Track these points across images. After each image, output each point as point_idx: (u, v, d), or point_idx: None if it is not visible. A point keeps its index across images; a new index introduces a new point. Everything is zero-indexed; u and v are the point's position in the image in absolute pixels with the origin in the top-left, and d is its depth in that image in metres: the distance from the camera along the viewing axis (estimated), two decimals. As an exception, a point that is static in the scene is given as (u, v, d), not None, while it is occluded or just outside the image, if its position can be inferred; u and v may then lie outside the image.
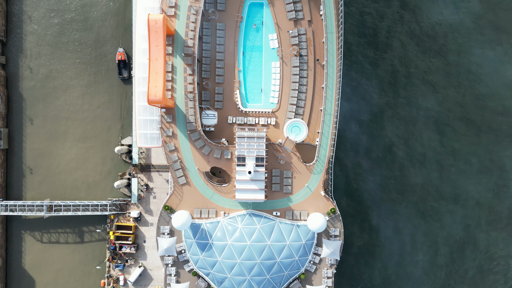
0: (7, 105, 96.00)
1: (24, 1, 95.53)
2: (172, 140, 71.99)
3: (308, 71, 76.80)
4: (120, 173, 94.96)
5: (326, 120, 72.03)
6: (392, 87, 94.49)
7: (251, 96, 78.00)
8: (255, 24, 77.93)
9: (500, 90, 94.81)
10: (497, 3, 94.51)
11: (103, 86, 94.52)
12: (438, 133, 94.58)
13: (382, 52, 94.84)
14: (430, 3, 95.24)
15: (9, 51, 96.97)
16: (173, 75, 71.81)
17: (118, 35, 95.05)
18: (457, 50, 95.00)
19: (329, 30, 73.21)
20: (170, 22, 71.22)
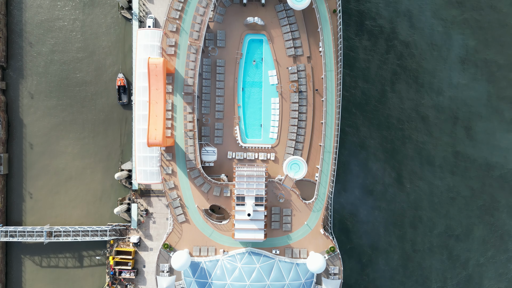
0: (7, 131, 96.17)
1: (25, 27, 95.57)
2: (172, 178, 72.45)
3: (307, 106, 77.33)
4: (120, 198, 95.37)
5: (326, 158, 72.61)
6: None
7: (251, 131, 78.47)
8: (255, 60, 78.32)
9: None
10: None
11: (103, 110, 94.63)
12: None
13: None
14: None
15: (9, 77, 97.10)
16: (173, 113, 72.18)
17: (118, 61, 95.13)
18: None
19: (328, 68, 73.68)
20: (170, 61, 71.49)
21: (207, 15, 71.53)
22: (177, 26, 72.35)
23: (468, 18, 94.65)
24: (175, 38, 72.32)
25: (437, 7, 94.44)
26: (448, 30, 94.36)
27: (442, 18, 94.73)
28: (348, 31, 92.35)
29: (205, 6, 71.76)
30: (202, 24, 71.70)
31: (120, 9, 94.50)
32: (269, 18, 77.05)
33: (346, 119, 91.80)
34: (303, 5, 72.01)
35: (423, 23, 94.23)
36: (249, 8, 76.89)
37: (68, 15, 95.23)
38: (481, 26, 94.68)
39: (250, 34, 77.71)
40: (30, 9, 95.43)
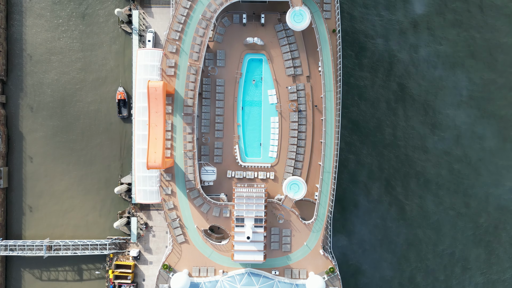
0: (7, 144, 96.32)
1: (25, 41, 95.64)
2: (171, 198, 72.67)
3: (306, 125, 77.57)
4: (120, 212, 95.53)
5: (325, 178, 72.84)
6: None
7: (250, 150, 78.70)
8: (254, 79, 78.55)
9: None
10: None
11: (103, 124, 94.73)
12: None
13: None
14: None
15: (9, 90, 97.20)
16: (172, 133, 72.37)
17: (118, 74, 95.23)
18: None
19: (328, 88, 73.89)
20: (170, 82, 71.68)
21: (207, 36, 71.70)
22: (176, 47, 72.51)
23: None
24: (174, 59, 72.48)
25: (436, 25, 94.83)
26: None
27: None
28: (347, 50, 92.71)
29: (204, 27, 71.92)
30: (201, 45, 71.87)
31: (120, 23, 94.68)
32: (268, 38, 77.26)
33: (346, 137, 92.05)
34: (302, 26, 72.22)
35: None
36: (248, 28, 77.06)
37: (67, 28, 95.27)
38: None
39: (250, 54, 77.91)
40: (30, 23, 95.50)
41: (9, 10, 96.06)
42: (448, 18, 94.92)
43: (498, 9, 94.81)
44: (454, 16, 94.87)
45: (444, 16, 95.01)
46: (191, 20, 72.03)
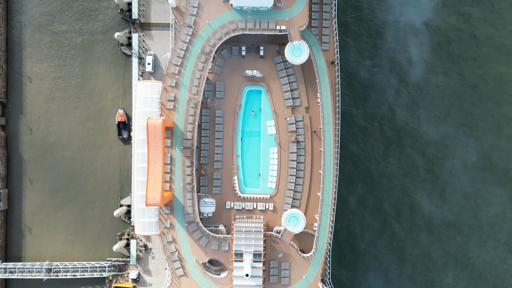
0: (6, 166, 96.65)
1: (24, 63, 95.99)
2: (170, 231, 72.95)
3: (305, 156, 77.85)
4: (119, 233, 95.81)
5: (324, 211, 73.13)
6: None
7: (249, 180, 78.98)
8: (253, 111, 78.88)
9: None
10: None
11: (103, 145, 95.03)
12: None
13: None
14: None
15: (9, 113, 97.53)
16: (171, 166, 72.66)
17: (118, 96, 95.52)
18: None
19: (326, 121, 74.17)
20: (169, 116, 72.00)
21: (206, 70, 72.02)
22: (176, 81, 72.80)
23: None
24: (174, 93, 72.81)
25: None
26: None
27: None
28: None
29: (204, 61, 72.23)
30: (201, 79, 72.20)
31: (119, 46, 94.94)
32: (267, 69, 77.60)
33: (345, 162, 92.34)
34: (301, 61, 72.60)
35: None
36: (247, 60, 77.40)
37: (67, 50, 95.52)
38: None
39: (249, 85, 78.29)
40: (30, 46, 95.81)
41: (9, 33, 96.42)
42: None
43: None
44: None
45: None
46: (191, 54, 72.32)
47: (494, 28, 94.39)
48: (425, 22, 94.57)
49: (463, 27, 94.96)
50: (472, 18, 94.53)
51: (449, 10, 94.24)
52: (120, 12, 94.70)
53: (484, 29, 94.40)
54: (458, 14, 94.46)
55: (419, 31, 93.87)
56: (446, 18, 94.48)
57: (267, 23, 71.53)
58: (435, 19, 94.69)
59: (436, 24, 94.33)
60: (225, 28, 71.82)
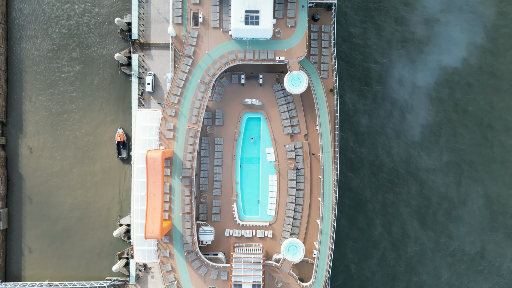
0: (6, 186, 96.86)
1: (24, 83, 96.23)
2: (169, 260, 73.06)
3: (305, 183, 78.00)
4: (119, 253, 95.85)
5: (323, 240, 73.25)
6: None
7: (248, 207, 79.12)
8: (252, 138, 79.05)
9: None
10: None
11: (103, 166, 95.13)
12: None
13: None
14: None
15: (8, 132, 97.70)
16: (171, 195, 72.81)
17: (117, 116, 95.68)
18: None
19: (325, 149, 74.35)
20: (169, 145, 72.17)
21: (206, 100, 72.23)
22: (176, 111, 73.02)
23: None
24: (173, 122, 72.99)
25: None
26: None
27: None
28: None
29: (203, 91, 72.45)
30: (200, 109, 72.40)
31: (119, 66, 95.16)
32: (266, 97, 77.83)
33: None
34: (300, 90, 72.88)
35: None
36: (247, 88, 77.62)
37: (67, 71, 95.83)
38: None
39: (248, 113, 78.48)
40: (30, 66, 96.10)
41: (9, 53, 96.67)
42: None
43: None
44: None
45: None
46: (190, 84, 72.55)
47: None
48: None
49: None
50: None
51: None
52: (120, 32, 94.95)
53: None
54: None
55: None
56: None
57: (266, 54, 71.74)
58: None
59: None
60: (225, 58, 72.06)
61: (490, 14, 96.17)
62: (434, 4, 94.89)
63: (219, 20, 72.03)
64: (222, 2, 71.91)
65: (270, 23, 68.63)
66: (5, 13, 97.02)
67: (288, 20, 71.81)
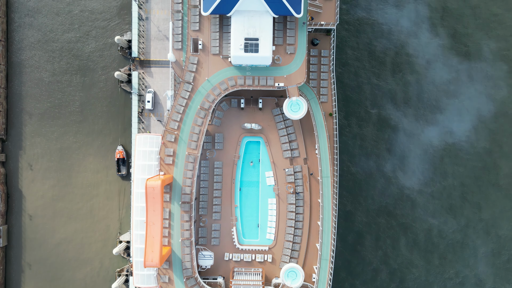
0: (6, 202, 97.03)
1: (25, 100, 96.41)
2: (169, 286, 73.13)
3: (304, 207, 78.08)
4: (118, 269, 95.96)
5: (323, 265, 73.30)
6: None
7: (248, 231, 79.19)
8: (252, 161, 79.15)
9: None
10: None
11: (103, 183, 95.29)
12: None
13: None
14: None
15: (8, 149, 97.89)
16: (170, 221, 72.91)
17: (117, 133, 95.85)
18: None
19: (324, 174, 74.42)
20: (168, 170, 72.30)
21: (205, 126, 72.40)
22: (175, 136, 73.15)
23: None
24: (173, 148, 73.14)
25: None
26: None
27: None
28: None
29: (203, 117, 72.63)
30: (200, 134, 72.57)
31: (119, 83, 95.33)
32: (266, 121, 77.99)
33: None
34: (299, 116, 73.09)
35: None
36: (246, 112, 77.79)
37: (67, 88, 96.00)
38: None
39: (248, 137, 78.57)
40: (30, 84, 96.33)
41: (9, 71, 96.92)
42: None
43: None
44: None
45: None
46: (190, 110, 72.71)
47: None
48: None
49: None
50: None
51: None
52: (120, 50, 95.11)
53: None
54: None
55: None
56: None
57: (265, 80, 71.90)
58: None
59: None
60: (224, 84, 72.24)
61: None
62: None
63: (218, 46, 72.18)
64: (222, 29, 72.07)
65: (270, 51, 68.80)
66: (5, 31, 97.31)
67: (288, 46, 71.96)
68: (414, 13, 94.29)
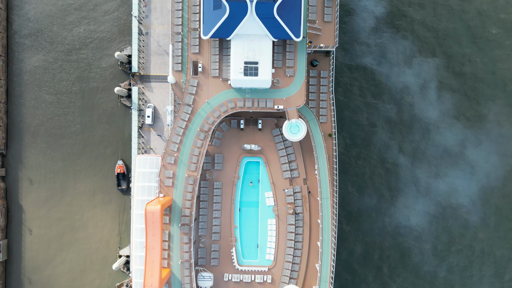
0: (6, 217, 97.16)
1: (24, 115, 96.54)
2: (169, 308, 73.19)
3: (304, 227, 78.11)
4: (118, 284, 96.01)
5: (322, 287, 73.32)
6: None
7: (247, 251, 79.19)
8: (251, 181, 79.20)
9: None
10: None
11: (103, 198, 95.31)
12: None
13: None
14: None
15: (8, 164, 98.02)
16: (169, 243, 72.91)
17: (117, 148, 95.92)
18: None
19: (324, 195, 74.48)
20: (168, 192, 72.40)
21: (205, 148, 72.47)
22: (175, 158, 73.23)
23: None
24: (173, 170, 73.21)
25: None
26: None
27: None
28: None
29: (202, 139, 72.70)
30: (199, 156, 72.63)
31: (119, 98, 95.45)
32: (265, 141, 78.05)
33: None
34: (298, 138, 73.13)
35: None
36: (246, 132, 77.85)
37: (66, 100, 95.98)
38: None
39: (247, 157, 78.62)
40: (30, 97, 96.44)
41: (9, 85, 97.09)
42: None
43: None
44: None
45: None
46: (190, 132, 72.78)
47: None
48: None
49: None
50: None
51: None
52: (120, 65, 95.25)
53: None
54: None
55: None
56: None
57: (265, 102, 72.01)
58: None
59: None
60: (224, 106, 72.32)
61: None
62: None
63: (218, 69, 72.28)
64: (222, 52, 72.16)
65: (269, 74, 68.89)
66: (5, 46, 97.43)
67: (287, 69, 72.06)
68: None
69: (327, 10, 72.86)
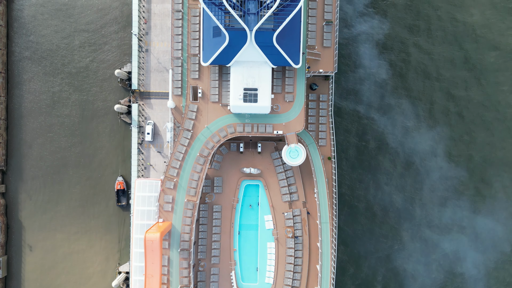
0: (6, 233, 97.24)
1: (25, 131, 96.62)
2: (168, 333, 73.12)
3: (303, 250, 78.05)
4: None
5: (321, 310, 73.40)
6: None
7: (247, 274, 79.15)
8: (251, 205, 79.23)
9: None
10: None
11: (102, 214, 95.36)
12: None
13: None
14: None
15: (8, 180, 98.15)
16: (169, 268, 72.85)
17: (117, 165, 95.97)
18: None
19: (323, 220, 74.45)
20: (167, 217, 72.41)
21: (204, 172, 72.47)
22: (174, 183, 73.22)
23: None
24: (172, 195, 73.21)
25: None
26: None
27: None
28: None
29: (202, 163, 72.71)
30: (199, 181, 72.62)
31: (119, 114, 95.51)
32: (265, 165, 78.05)
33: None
34: (298, 162, 73.18)
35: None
36: (245, 155, 77.84)
37: (67, 118, 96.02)
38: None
39: (247, 180, 78.61)
40: (30, 114, 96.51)
41: (9, 102, 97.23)
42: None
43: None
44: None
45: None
46: (189, 157, 72.78)
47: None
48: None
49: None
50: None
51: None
52: (119, 81, 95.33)
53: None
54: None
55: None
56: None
57: (264, 127, 71.99)
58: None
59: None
60: (223, 131, 72.34)
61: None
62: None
63: (218, 94, 72.34)
64: (221, 77, 72.21)
65: (269, 101, 68.93)
66: (5, 62, 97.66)
67: (286, 95, 72.08)
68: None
69: (326, 35, 72.85)
